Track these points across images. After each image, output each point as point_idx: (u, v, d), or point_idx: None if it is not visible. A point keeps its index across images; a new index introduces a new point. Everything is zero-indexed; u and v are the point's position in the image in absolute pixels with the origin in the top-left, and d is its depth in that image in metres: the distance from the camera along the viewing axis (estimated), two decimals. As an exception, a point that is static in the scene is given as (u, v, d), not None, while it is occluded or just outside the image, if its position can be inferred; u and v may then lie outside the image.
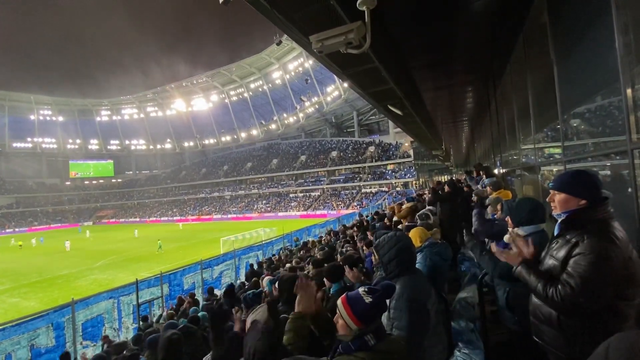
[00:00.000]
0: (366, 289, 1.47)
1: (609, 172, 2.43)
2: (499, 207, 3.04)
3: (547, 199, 1.59)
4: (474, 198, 4.33)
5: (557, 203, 1.51)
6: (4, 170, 73.83)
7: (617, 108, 2.09)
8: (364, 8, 1.94)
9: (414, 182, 44.59)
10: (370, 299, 1.42)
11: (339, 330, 1.47)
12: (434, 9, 3.46)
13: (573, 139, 3.17)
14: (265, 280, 4.05)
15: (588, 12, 2.38)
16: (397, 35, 3.92)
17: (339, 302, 1.48)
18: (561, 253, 1.44)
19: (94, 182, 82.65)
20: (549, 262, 1.49)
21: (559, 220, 1.52)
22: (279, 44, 38.28)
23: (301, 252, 9.64)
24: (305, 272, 4.94)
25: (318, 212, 45.37)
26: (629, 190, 1.76)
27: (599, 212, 1.40)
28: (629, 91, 1.79)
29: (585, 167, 2.81)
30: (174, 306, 8.66)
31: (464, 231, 2.68)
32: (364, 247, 4.63)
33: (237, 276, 12.67)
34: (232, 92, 75.31)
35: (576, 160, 2.99)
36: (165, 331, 3.33)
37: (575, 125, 3.12)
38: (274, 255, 12.44)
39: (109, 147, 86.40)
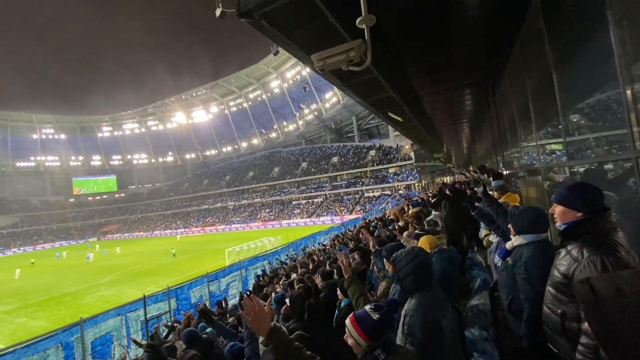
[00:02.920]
0: (372, 306, 1.54)
1: (613, 173, 2.43)
2: (506, 213, 3.04)
3: (549, 211, 1.63)
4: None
5: (557, 215, 1.57)
6: (8, 190, 74.39)
7: (615, 102, 2.12)
8: (364, 26, 1.98)
9: (416, 185, 44.50)
10: (378, 315, 1.48)
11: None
12: (431, 17, 3.52)
13: (574, 134, 3.20)
14: (273, 296, 4.05)
15: (583, 11, 2.42)
16: (395, 44, 3.97)
17: (347, 322, 1.53)
18: (563, 263, 1.49)
19: (97, 197, 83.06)
20: (554, 272, 1.53)
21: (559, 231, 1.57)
22: (276, 53, 38.71)
23: (307, 262, 9.61)
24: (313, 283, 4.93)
25: (322, 219, 45.29)
26: (637, 195, 1.77)
27: (598, 224, 1.44)
28: (628, 91, 1.82)
29: (589, 169, 2.82)
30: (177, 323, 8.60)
31: (469, 240, 2.72)
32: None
33: (244, 287, 12.63)
34: (231, 103, 75.96)
35: (581, 163, 3.01)
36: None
37: (574, 121, 3.16)
38: (281, 264, 12.40)
39: (111, 162, 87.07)
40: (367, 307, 1.54)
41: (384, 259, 2.74)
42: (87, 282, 22.86)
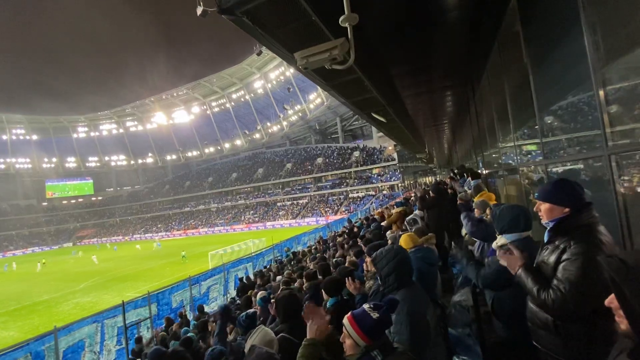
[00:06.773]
0: (371, 305, 1.49)
1: (588, 172, 2.52)
2: (488, 210, 3.09)
3: (534, 209, 1.65)
4: (459, 201, 4.42)
5: (543, 212, 1.57)
6: (-25, 194, 70.42)
7: (588, 104, 2.19)
8: (347, 25, 1.97)
9: (399, 185, 45.14)
10: (377, 315, 1.43)
11: (346, 351, 1.47)
12: (412, 19, 3.56)
13: (549, 135, 3.30)
14: (258, 296, 3.98)
15: (558, 15, 2.50)
16: (378, 45, 4.00)
17: (345, 321, 1.48)
18: (551, 259, 1.49)
19: (73, 201, 79.70)
20: (542, 268, 1.54)
21: (548, 228, 1.58)
22: (259, 54, 38.43)
23: (292, 263, 9.55)
24: (298, 284, 4.90)
25: (307, 220, 45.18)
26: (609, 191, 1.84)
27: (583, 218, 1.46)
28: (601, 92, 1.88)
29: (565, 168, 2.92)
30: (163, 328, 8.39)
31: (452, 239, 2.73)
32: (354, 256, 4.63)
33: (225, 290, 12.41)
34: (213, 103, 74.73)
35: (556, 162, 3.11)
36: None
37: (550, 122, 3.26)
38: (265, 267, 12.27)
39: (87, 164, 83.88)
40: (366, 306, 1.49)
41: (367, 257, 2.73)
42: (62, 290, 21.89)
